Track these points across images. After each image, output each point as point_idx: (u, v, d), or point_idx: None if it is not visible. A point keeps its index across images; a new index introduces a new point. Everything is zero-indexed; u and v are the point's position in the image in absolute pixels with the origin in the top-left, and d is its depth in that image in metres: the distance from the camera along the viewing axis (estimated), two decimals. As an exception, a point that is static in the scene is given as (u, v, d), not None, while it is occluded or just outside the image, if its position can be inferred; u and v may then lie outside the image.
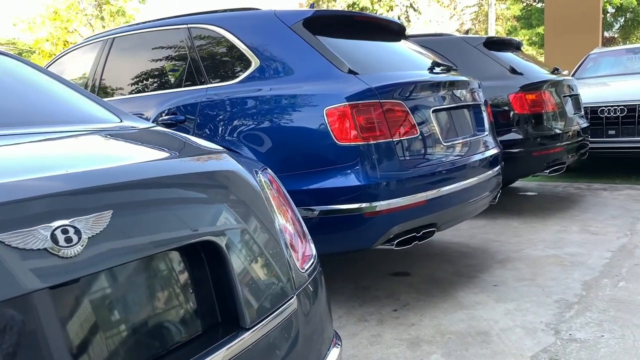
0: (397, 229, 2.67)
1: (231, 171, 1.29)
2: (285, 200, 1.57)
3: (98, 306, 0.94)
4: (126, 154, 1.26)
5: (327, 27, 3.08)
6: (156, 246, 1.04)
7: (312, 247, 1.57)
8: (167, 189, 1.12)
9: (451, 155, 2.98)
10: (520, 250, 3.90)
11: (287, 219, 1.49)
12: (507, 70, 4.88)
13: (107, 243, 0.93)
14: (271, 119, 2.80)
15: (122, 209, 0.99)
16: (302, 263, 1.44)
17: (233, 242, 1.15)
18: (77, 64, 4.04)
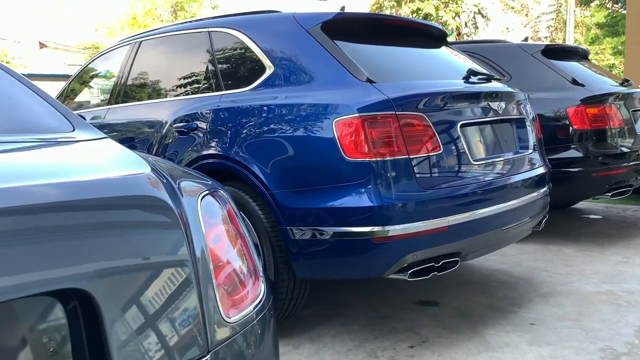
0: (412, 258, 2.37)
1: (135, 196, 1.07)
2: (236, 231, 1.33)
3: None
4: (23, 172, 1.07)
5: (351, 31, 2.83)
6: (14, 290, 0.84)
7: (261, 287, 1.32)
8: (43, 217, 0.92)
9: (482, 176, 2.64)
10: (568, 283, 3.47)
11: (232, 254, 1.26)
12: (567, 81, 4.43)
13: None
14: (278, 129, 2.57)
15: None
16: (240, 308, 1.19)
17: (113, 290, 0.92)
18: (109, 67, 3.98)
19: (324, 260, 2.47)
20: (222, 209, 1.33)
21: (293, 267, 2.54)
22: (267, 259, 2.60)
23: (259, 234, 2.62)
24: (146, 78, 3.60)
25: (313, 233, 2.43)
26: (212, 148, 2.81)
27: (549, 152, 4.36)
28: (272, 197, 2.53)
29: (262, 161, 2.58)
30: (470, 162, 2.58)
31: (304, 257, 2.49)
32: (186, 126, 2.97)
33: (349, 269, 2.47)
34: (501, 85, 3.07)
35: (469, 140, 2.62)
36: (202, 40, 3.19)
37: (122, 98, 3.66)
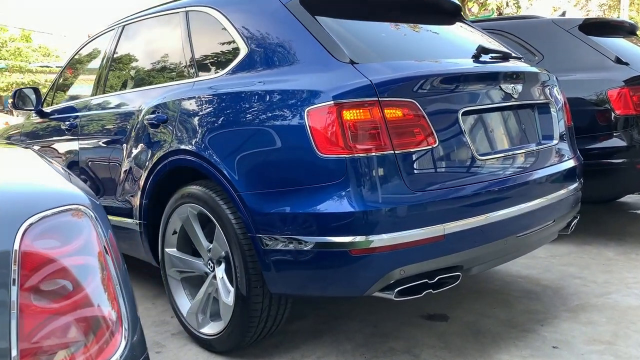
0: (399, 274, 1.98)
1: None
2: (101, 263, 0.98)
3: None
4: None
5: (338, 4, 2.43)
6: None
7: (120, 344, 0.97)
8: None
9: (490, 173, 2.21)
10: (605, 295, 2.99)
11: (78, 296, 0.91)
12: (608, 60, 3.88)
13: None
14: (246, 121, 2.21)
15: None
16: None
17: None
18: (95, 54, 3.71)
19: (297, 274, 2.11)
20: (78, 234, 0.98)
21: (265, 280, 2.19)
22: (238, 271, 2.26)
23: (230, 242, 2.27)
24: (127, 65, 3.30)
25: (284, 242, 2.07)
26: (180, 143, 2.48)
27: (587, 141, 3.86)
28: (240, 200, 2.18)
29: (230, 158, 2.23)
30: (474, 157, 2.15)
31: (276, 270, 2.13)
32: (157, 118, 2.65)
33: (325, 285, 2.09)
34: (519, 65, 2.60)
35: (474, 131, 2.19)
36: (180, 22, 2.85)
37: (105, 88, 3.38)
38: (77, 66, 3.97)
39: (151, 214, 2.77)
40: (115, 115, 3.08)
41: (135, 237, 2.91)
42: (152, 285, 3.43)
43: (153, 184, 2.68)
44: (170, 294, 2.72)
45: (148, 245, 2.84)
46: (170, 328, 2.82)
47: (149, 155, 2.68)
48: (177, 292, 2.70)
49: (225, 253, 2.33)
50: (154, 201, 2.73)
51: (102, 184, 3.17)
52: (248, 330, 2.30)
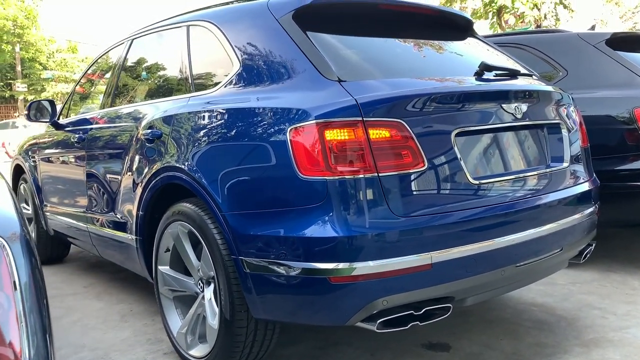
0: (382, 304, 1.86)
1: None
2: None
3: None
4: None
5: (333, 19, 2.34)
6: None
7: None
8: None
9: (486, 198, 2.07)
10: (624, 329, 2.78)
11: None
12: (637, 77, 3.66)
13: None
14: (231, 139, 2.15)
15: None
16: None
17: None
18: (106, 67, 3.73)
19: (279, 300, 2.02)
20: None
21: (248, 305, 2.11)
22: (222, 294, 2.18)
23: (215, 263, 2.20)
24: (133, 79, 3.30)
25: (265, 266, 1.98)
26: (171, 159, 2.44)
27: (614, 161, 3.65)
28: (224, 220, 2.11)
29: (215, 176, 2.16)
30: (467, 180, 2.02)
31: (257, 295, 2.04)
32: (152, 133, 2.62)
33: (307, 313, 1.99)
34: (527, 83, 2.46)
35: (469, 153, 2.06)
36: (181, 36, 2.82)
37: (112, 101, 3.38)
38: (91, 78, 4.01)
39: (147, 230, 2.73)
40: (118, 130, 3.08)
41: (131, 252, 2.88)
42: (156, 301, 3.39)
43: (148, 200, 2.64)
44: (163, 312, 2.67)
45: (144, 261, 2.80)
46: (163, 347, 2.76)
47: (144, 171, 2.65)
48: (168, 310, 2.65)
49: (212, 274, 2.26)
50: (149, 217, 2.70)
51: (104, 198, 3.16)
52: (232, 355, 2.22)
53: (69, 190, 3.69)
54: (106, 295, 3.67)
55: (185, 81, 2.70)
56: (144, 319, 3.19)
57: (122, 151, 2.94)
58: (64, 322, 3.20)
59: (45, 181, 4.09)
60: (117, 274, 4.10)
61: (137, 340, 2.88)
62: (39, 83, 31.45)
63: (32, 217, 4.43)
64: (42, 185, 4.12)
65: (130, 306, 3.42)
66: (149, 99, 2.97)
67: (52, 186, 4.00)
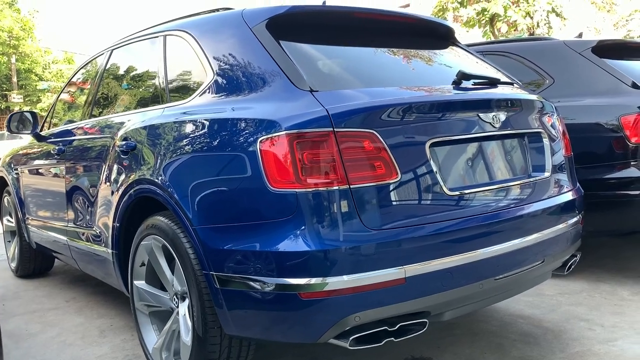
0: (354, 320, 1.81)
1: None
2: None
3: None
4: None
5: (307, 28, 2.30)
6: None
7: None
8: None
9: (463, 209, 2.02)
10: (610, 341, 2.72)
11: None
12: (624, 85, 3.63)
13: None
14: (202, 151, 2.10)
15: None
16: None
17: None
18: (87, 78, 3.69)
19: (250, 316, 1.96)
20: None
21: (220, 321, 2.05)
22: (195, 310, 2.12)
23: (187, 278, 2.14)
24: (111, 90, 3.25)
25: (235, 282, 1.93)
26: (144, 171, 2.39)
27: (602, 170, 3.61)
28: (195, 234, 2.06)
29: (186, 189, 2.11)
30: (443, 191, 1.97)
31: (229, 311, 1.99)
32: (127, 145, 2.57)
33: (277, 330, 1.93)
34: (506, 92, 2.41)
35: (444, 163, 2.01)
36: (158, 47, 2.78)
37: (91, 112, 3.34)
38: (73, 89, 3.96)
39: (122, 244, 2.67)
40: (96, 141, 3.03)
41: (108, 266, 2.82)
42: (135, 315, 3.33)
43: (122, 213, 2.59)
44: (138, 328, 2.61)
45: (120, 275, 2.74)
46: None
47: (119, 183, 2.60)
48: (144, 326, 2.59)
49: (185, 290, 2.20)
50: (125, 230, 2.64)
51: (82, 211, 3.10)
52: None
53: (50, 203, 3.63)
54: (87, 310, 3.60)
55: (161, 91, 2.65)
56: (124, 334, 3.12)
57: (99, 163, 2.89)
58: (42, 338, 3.13)
59: (27, 194, 4.03)
60: (100, 287, 4.03)
61: (114, 356, 2.82)
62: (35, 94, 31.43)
63: (15, 230, 4.37)
64: (24, 197, 4.07)
65: (111, 321, 3.36)
66: (126, 110, 2.93)
67: (33, 199, 3.94)
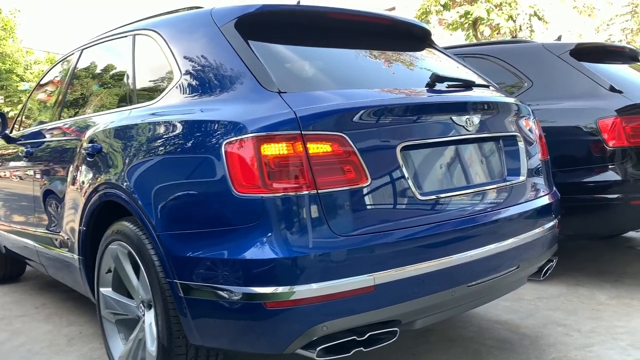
0: (322, 330, 1.75)
1: None
2: None
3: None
4: None
5: (277, 28, 2.24)
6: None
7: None
8: None
9: (435, 214, 1.97)
10: (587, 347, 2.69)
11: None
12: (601, 88, 3.61)
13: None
14: (164, 153, 2.04)
15: None
16: None
17: None
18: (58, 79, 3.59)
19: (213, 326, 1.89)
20: None
21: (184, 330, 1.98)
22: (159, 319, 2.05)
23: (152, 286, 2.07)
24: (80, 91, 3.17)
25: (199, 290, 1.86)
26: (109, 175, 2.31)
27: (581, 173, 3.60)
28: (159, 241, 1.99)
29: (150, 194, 2.04)
30: (414, 197, 1.91)
31: (193, 320, 1.92)
32: (93, 147, 2.49)
33: (243, 340, 1.86)
34: (481, 95, 2.37)
35: (416, 168, 1.96)
36: (127, 46, 2.70)
37: (60, 114, 3.24)
38: (44, 90, 3.86)
39: (89, 250, 2.59)
40: (64, 143, 2.94)
41: (75, 272, 2.74)
42: (105, 323, 3.24)
43: (88, 218, 2.51)
44: (105, 336, 2.53)
45: (87, 282, 2.65)
46: (108, 373, 2.61)
47: (85, 188, 2.52)
48: (111, 335, 2.51)
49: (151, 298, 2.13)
50: (92, 236, 2.56)
51: (50, 215, 3.01)
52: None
53: (18, 207, 3.53)
54: (56, 317, 3.50)
55: (129, 92, 2.58)
56: (92, 342, 3.03)
57: (66, 166, 2.80)
58: (7, 347, 3.03)
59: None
60: (71, 294, 3.92)
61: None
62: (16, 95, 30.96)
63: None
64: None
65: (79, 328, 3.26)
66: (95, 111, 2.85)
67: (2, 202, 3.83)
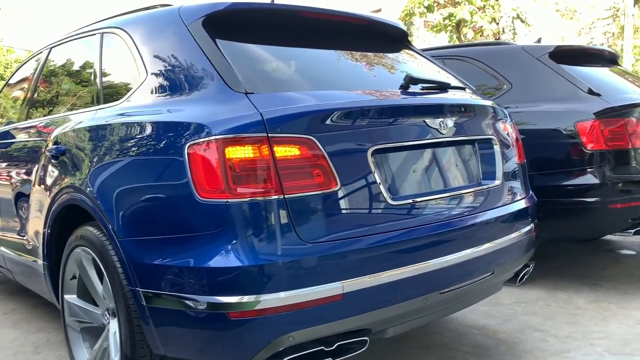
0: (288, 340, 1.68)
1: None
2: None
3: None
4: None
5: (246, 27, 2.18)
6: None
7: None
8: None
9: (407, 220, 1.92)
10: (563, 353, 2.66)
11: None
12: (580, 91, 3.59)
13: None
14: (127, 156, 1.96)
15: None
16: None
17: None
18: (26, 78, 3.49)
19: (177, 336, 1.82)
20: None
21: (148, 340, 1.90)
22: (122, 328, 1.97)
23: (115, 294, 1.99)
24: (48, 91, 3.07)
25: (161, 299, 1.78)
26: (72, 177, 2.23)
27: (560, 176, 3.57)
28: (121, 247, 1.91)
29: (112, 198, 1.96)
30: (386, 201, 1.86)
31: (155, 329, 1.84)
32: (57, 149, 2.40)
33: (207, 351, 1.79)
34: (455, 98, 2.33)
35: (388, 172, 1.91)
36: (95, 45, 2.62)
37: (28, 114, 3.15)
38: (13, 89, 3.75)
39: (54, 255, 2.50)
40: (29, 145, 2.85)
41: (40, 277, 2.64)
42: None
43: (52, 223, 2.42)
44: (69, 345, 2.44)
45: (52, 288, 2.56)
46: (73, 382, 2.52)
47: (49, 191, 2.43)
48: (75, 343, 2.43)
49: (113, 306, 2.05)
50: (56, 241, 2.47)
51: (15, 219, 2.91)
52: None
53: (-16, 210, 3.42)
54: (25, 323, 3.39)
55: (96, 92, 2.49)
56: (60, 349, 2.93)
57: (32, 168, 2.71)
58: (-30, 356, 2.93)
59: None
60: (42, 299, 3.78)
61: (45, 376, 2.64)
62: (-4, 94, 30.48)
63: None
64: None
65: (47, 335, 3.16)
66: (62, 111, 2.76)
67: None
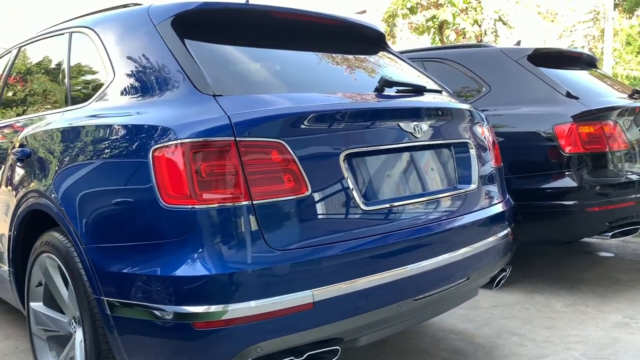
0: (256, 351, 1.63)
1: None
2: None
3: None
4: None
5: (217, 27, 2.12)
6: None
7: None
8: None
9: (378, 226, 1.88)
10: (541, 357, 2.64)
11: None
12: (558, 94, 3.59)
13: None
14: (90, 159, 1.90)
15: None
16: None
17: None
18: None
19: (141, 346, 1.76)
20: None
21: (113, 351, 1.84)
22: (87, 337, 1.90)
23: (80, 303, 1.92)
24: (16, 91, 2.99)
25: (126, 308, 1.72)
26: (36, 181, 2.16)
27: (538, 179, 3.57)
28: (85, 254, 1.84)
29: (75, 203, 1.90)
30: (358, 207, 1.82)
31: (120, 339, 1.78)
32: (22, 152, 2.33)
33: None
34: (431, 100, 2.29)
35: (361, 176, 1.87)
36: (63, 45, 2.55)
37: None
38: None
39: (20, 261, 2.42)
40: (-4, 147, 2.76)
41: (6, 284, 2.57)
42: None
43: (18, 228, 2.34)
44: (34, 354, 2.37)
45: (18, 294, 2.48)
46: (40, 393, 2.44)
47: (14, 195, 2.35)
48: (42, 353, 2.36)
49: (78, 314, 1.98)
50: (22, 247, 2.39)
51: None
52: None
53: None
54: (-7, 330, 3.30)
55: (63, 93, 2.42)
56: (29, 357, 2.84)
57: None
58: None
59: None
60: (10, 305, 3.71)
61: (11, 385, 2.55)
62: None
63: None
64: None
65: (16, 343, 3.07)
66: (30, 112, 2.68)
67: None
